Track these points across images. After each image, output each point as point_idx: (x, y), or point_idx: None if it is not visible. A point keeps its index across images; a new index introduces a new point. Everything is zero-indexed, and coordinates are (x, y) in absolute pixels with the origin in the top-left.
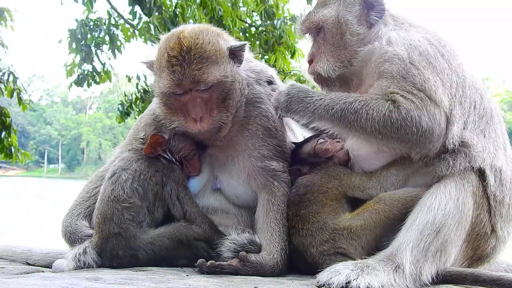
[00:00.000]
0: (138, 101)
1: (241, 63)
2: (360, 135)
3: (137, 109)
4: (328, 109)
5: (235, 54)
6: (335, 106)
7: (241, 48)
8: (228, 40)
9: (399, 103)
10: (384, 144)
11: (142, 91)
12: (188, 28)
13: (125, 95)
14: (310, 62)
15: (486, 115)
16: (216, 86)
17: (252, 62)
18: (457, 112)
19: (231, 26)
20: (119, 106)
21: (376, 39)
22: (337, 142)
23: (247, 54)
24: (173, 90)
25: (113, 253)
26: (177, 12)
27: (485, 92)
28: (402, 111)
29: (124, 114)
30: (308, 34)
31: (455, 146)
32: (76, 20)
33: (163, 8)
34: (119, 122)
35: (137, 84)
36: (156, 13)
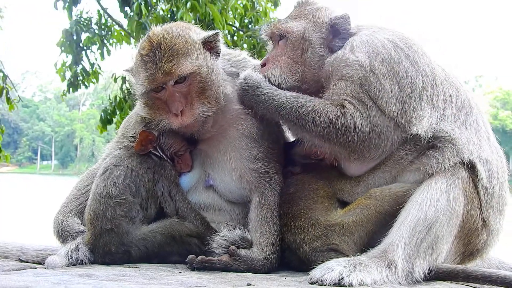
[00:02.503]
0: (122, 103)
1: (218, 55)
2: (305, 136)
3: (120, 112)
4: (276, 111)
5: (210, 46)
6: (282, 110)
7: (214, 38)
8: (199, 33)
9: (347, 110)
10: (326, 147)
11: (126, 91)
12: (158, 27)
13: (109, 99)
14: (263, 65)
15: (464, 107)
16: (193, 78)
17: (240, 56)
18: (426, 111)
19: (220, 29)
20: (102, 114)
21: (340, 49)
22: None
23: (227, 50)
24: (149, 87)
25: (106, 249)
26: (173, 11)
27: (461, 84)
28: (348, 117)
29: (107, 122)
30: (270, 39)
31: (432, 140)
32: (70, 22)
33: (152, 12)
34: (101, 132)
35: (122, 84)
36: (138, 19)
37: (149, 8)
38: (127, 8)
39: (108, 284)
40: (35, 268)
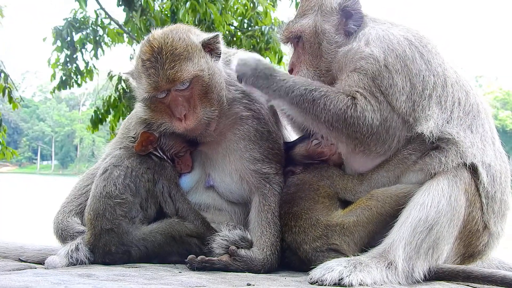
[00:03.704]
0: (116, 102)
1: (219, 56)
2: (313, 122)
3: (114, 112)
4: (288, 92)
5: (210, 48)
6: (295, 90)
7: (214, 40)
8: (200, 35)
9: (358, 101)
10: (333, 136)
11: (121, 91)
12: (157, 31)
13: (103, 99)
14: (291, 71)
15: (472, 111)
16: (195, 82)
17: (236, 55)
18: (434, 112)
19: (221, 30)
20: (93, 115)
21: (355, 41)
22: (332, 145)
23: (225, 48)
24: (153, 94)
25: (106, 249)
26: (168, 14)
27: (471, 87)
28: (358, 109)
29: (98, 121)
30: (289, 43)
31: (436, 141)
32: (65, 19)
33: (149, 11)
34: (92, 132)
35: (117, 84)
36: (143, 17)
37: (153, 3)
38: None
39: (108, 284)
40: (35, 268)
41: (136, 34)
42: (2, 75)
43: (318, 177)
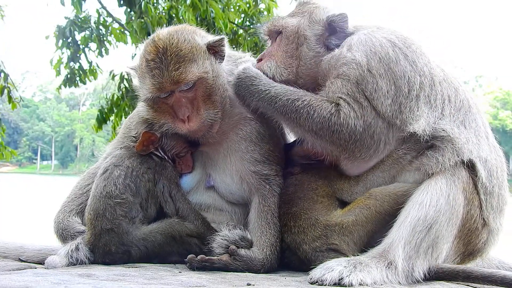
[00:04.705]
0: (119, 101)
1: (223, 59)
2: (298, 131)
3: (117, 110)
4: (271, 102)
5: (214, 50)
6: (278, 102)
7: (219, 43)
8: (205, 37)
9: (341, 108)
10: (317, 144)
11: (124, 90)
12: (163, 31)
13: (106, 97)
14: (259, 61)
15: (463, 107)
16: (199, 84)
17: (244, 58)
18: (423, 111)
19: (223, 29)
20: (98, 114)
21: (338, 48)
22: None
23: (231, 51)
24: (156, 94)
25: (106, 249)
26: (172, 14)
27: (460, 84)
28: (341, 116)
29: (103, 121)
30: (269, 38)
31: (431, 139)
32: (66, 17)
33: (148, 13)
34: (96, 131)
35: (119, 83)
36: (140, 19)
37: (154, 5)
38: (125, 7)
39: (108, 284)
40: (35, 268)
41: (132, 36)
42: (2, 74)
43: (316, 177)
